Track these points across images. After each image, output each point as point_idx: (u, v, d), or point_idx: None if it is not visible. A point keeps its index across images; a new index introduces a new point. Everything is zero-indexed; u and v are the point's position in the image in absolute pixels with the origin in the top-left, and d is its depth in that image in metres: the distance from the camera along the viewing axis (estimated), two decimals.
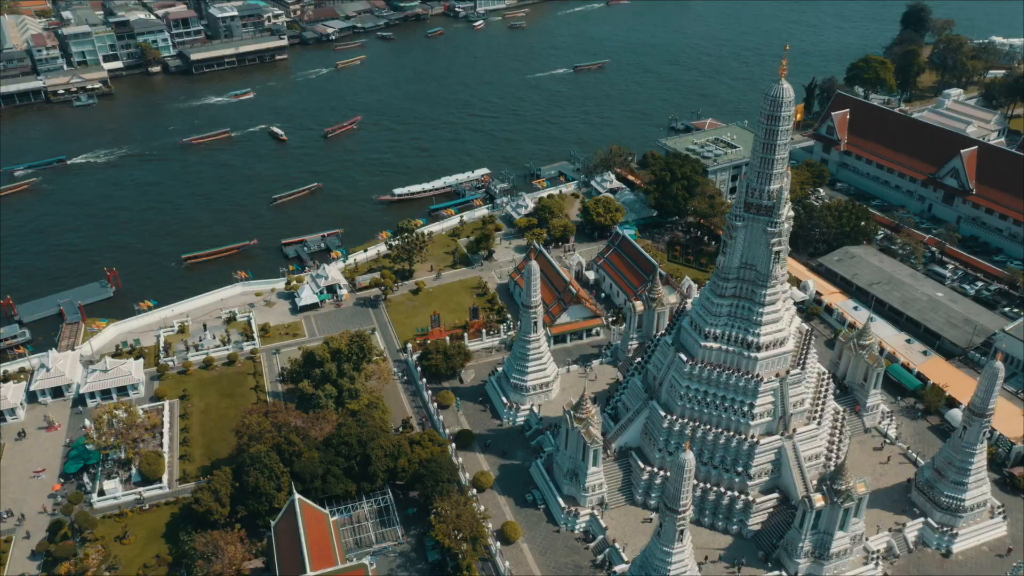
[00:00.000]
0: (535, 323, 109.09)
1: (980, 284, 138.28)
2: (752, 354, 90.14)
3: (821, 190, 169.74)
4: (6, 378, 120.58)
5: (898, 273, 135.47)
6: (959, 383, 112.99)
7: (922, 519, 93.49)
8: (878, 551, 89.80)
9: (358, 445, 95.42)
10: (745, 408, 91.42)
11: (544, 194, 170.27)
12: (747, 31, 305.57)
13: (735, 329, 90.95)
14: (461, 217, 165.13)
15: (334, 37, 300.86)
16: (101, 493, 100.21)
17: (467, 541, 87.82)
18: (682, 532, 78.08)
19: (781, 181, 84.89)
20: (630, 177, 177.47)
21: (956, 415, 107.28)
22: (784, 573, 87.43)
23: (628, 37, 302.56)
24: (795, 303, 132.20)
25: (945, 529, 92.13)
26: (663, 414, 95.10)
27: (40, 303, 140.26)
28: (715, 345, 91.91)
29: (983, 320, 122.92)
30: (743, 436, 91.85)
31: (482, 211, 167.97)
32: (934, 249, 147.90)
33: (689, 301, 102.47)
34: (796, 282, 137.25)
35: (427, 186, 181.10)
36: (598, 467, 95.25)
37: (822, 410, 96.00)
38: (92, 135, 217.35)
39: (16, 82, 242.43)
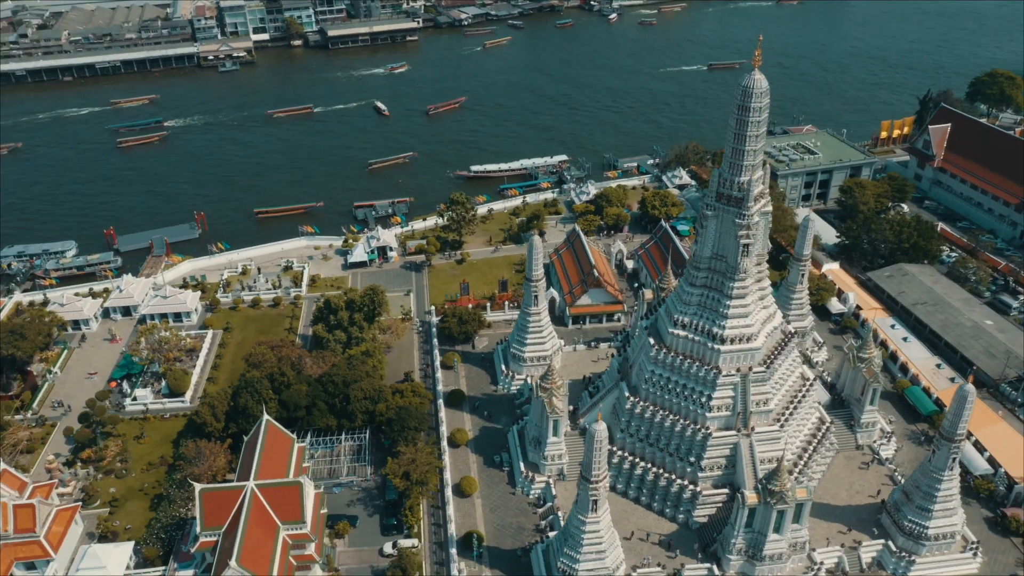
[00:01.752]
0: (535, 296, 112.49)
1: None
2: (716, 346, 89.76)
3: (904, 205, 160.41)
4: (92, 295, 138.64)
5: (950, 296, 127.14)
6: (977, 414, 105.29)
7: (882, 541, 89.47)
8: (821, 563, 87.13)
9: (342, 385, 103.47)
10: (703, 399, 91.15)
11: (614, 184, 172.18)
12: (901, 37, 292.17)
13: (702, 319, 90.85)
14: (524, 198, 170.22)
15: (467, 23, 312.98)
16: (134, 399, 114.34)
17: (415, 484, 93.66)
18: (596, 502, 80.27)
19: (752, 173, 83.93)
20: (705, 176, 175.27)
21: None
22: (714, 567, 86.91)
23: (780, 38, 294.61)
24: (833, 315, 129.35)
25: (904, 555, 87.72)
26: (627, 395, 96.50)
27: (136, 236, 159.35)
28: (682, 333, 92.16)
29: None
30: (698, 426, 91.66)
31: (548, 194, 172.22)
32: (1009, 277, 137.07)
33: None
34: (838, 293, 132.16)
35: (503, 166, 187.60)
36: (559, 438, 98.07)
37: (791, 414, 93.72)
38: (225, 97, 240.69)
39: (176, 47, 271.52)
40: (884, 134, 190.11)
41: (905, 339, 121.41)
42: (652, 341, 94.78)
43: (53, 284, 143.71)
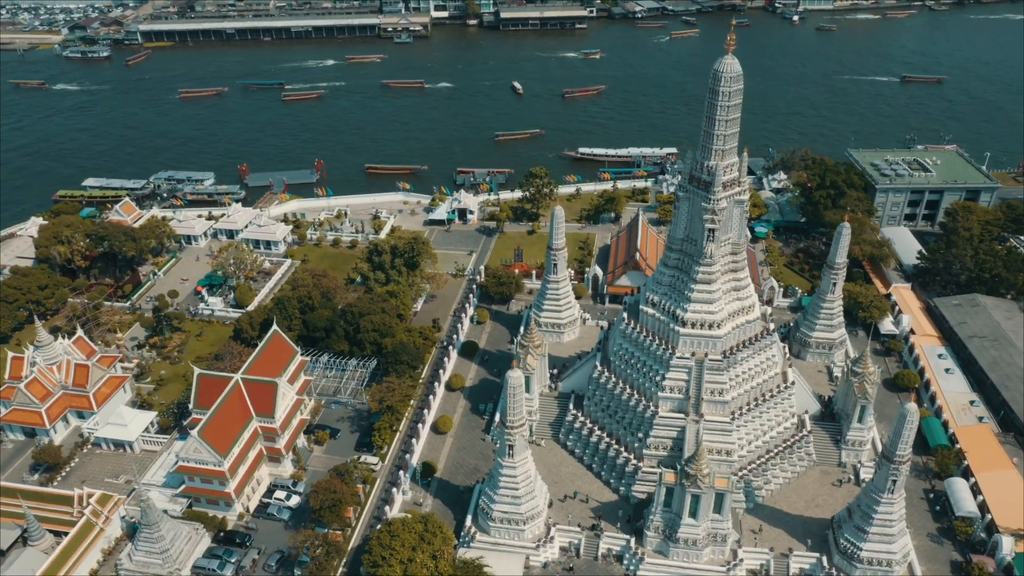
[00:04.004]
0: (555, 265, 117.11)
1: None
2: (676, 327, 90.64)
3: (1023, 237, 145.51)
4: (210, 217, 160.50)
5: (1017, 335, 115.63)
6: (988, 456, 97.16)
7: (816, 554, 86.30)
8: (741, 559, 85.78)
9: (358, 316, 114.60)
10: (657, 378, 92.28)
11: None
12: None
13: (670, 300, 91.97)
14: (615, 183, 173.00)
15: (640, 15, 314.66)
16: (207, 304, 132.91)
17: (387, 410, 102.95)
18: (512, 448, 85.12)
19: (721, 159, 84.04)
20: (807, 181, 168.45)
21: (954, 483, 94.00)
22: (632, 540, 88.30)
23: (1001, 51, 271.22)
24: (882, 335, 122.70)
25: (833, 572, 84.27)
26: (597, 365, 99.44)
27: (263, 175, 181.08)
28: (650, 311, 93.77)
29: None
30: (649, 404, 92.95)
31: (640, 183, 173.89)
32: None
33: None
34: (896, 313, 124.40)
35: (610, 151, 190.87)
36: (531, 395, 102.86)
37: (750, 410, 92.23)
38: (388, 64, 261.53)
39: (362, 17, 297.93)
40: None
41: (948, 370, 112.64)
42: (625, 316, 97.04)
43: (181, 205, 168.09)
